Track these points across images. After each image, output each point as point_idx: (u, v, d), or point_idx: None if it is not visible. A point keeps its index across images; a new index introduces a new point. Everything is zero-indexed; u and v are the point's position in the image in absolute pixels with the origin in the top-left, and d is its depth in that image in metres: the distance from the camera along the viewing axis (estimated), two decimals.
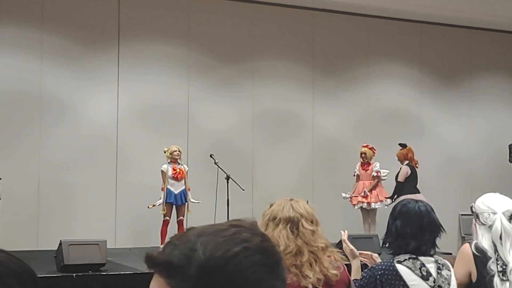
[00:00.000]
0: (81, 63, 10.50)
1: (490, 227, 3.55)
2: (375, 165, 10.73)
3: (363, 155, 10.81)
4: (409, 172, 10.54)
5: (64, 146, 10.29)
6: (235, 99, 11.45)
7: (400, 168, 10.66)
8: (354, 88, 12.34)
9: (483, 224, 3.60)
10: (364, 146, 10.88)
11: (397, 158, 10.80)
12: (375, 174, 10.64)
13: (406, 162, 10.66)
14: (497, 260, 3.49)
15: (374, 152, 10.85)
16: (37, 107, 10.22)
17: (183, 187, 9.62)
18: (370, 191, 10.60)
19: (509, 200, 3.67)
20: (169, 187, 9.53)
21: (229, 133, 11.31)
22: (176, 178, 9.54)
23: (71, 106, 10.41)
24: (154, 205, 9.51)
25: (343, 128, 12.14)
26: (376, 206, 10.55)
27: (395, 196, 10.32)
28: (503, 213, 3.56)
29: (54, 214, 10.10)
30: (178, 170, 9.58)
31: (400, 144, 10.80)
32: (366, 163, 10.80)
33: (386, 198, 10.44)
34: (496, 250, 3.51)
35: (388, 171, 10.78)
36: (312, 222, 3.07)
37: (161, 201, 9.52)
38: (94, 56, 10.60)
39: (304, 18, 11.99)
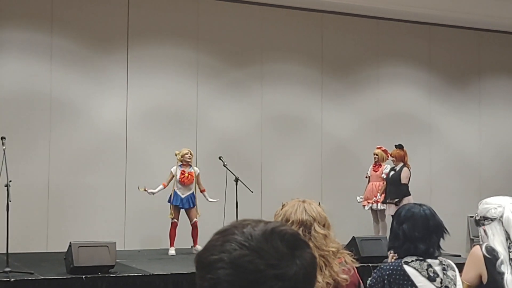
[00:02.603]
0: (91, 66, 10.54)
1: (501, 218, 3.59)
2: (385, 168, 10.69)
3: (375, 156, 10.80)
4: (410, 174, 10.50)
5: (74, 148, 10.32)
6: (244, 101, 11.46)
7: (395, 170, 10.54)
8: (363, 91, 12.33)
9: (492, 219, 3.63)
10: (378, 148, 10.88)
11: (392, 158, 10.67)
12: (384, 176, 10.62)
13: (401, 164, 10.56)
14: (509, 248, 3.53)
15: (387, 155, 10.80)
16: (47, 110, 10.26)
17: (191, 191, 9.63)
18: (382, 194, 10.58)
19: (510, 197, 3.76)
20: (176, 190, 9.56)
21: (238, 136, 11.32)
22: (182, 182, 9.55)
23: (81, 108, 10.45)
24: (144, 189, 9.49)
25: (352, 130, 12.13)
26: (383, 207, 10.53)
27: (397, 200, 10.24)
28: (511, 203, 3.65)
29: (64, 216, 10.14)
30: (186, 174, 9.58)
31: (397, 146, 10.69)
32: (377, 164, 10.79)
33: (392, 203, 10.33)
34: (508, 238, 3.57)
35: None
36: (324, 225, 3.04)
37: (154, 191, 9.53)
38: (103, 59, 10.63)
39: (313, 20, 11.99)
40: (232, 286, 1.23)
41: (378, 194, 10.59)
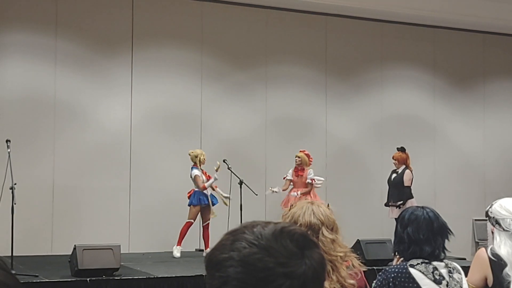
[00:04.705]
0: (95, 69, 10.55)
1: None
2: (309, 173, 10.47)
3: (297, 159, 10.50)
4: (412, 177, 10.46)
5: (78, 151, 10.34)
6: (248, 104, 11.46)
7: (397, 172, 10.48)
8: (367, 93, 12.32)
9: (505, 230, 3.58)
10: (301, 151, 10.62)
11: (394, 160, 10.58)
12: (309, 181, 10.43)
13: (404, 166, 10.51)
14: None
15: (310, 160, 10.59)
16: (51, 113, 10.27)
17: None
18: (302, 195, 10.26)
19: None
20: (198, 191, 9.55)
21: (242, 138, 11.32)
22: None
23: (85, 111, 10.46)
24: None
25: (356, 133, 12.12)
26: None
27: (401, 202, 10.18)
28: None
29: (69, 219, 10.15)
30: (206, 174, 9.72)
31: (399, 148, 10.64)
32: (300, 169, 10.53)
33: (395, 206, 10.26)
34: None
35: (323, 179, 10.55)
36: (332, 229, 3.01)
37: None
38: (107, 62, 10.65)
39: (317, 23, 11.98)
40: (242, 284, 1.24)
41: (299, 192, 10.23)
